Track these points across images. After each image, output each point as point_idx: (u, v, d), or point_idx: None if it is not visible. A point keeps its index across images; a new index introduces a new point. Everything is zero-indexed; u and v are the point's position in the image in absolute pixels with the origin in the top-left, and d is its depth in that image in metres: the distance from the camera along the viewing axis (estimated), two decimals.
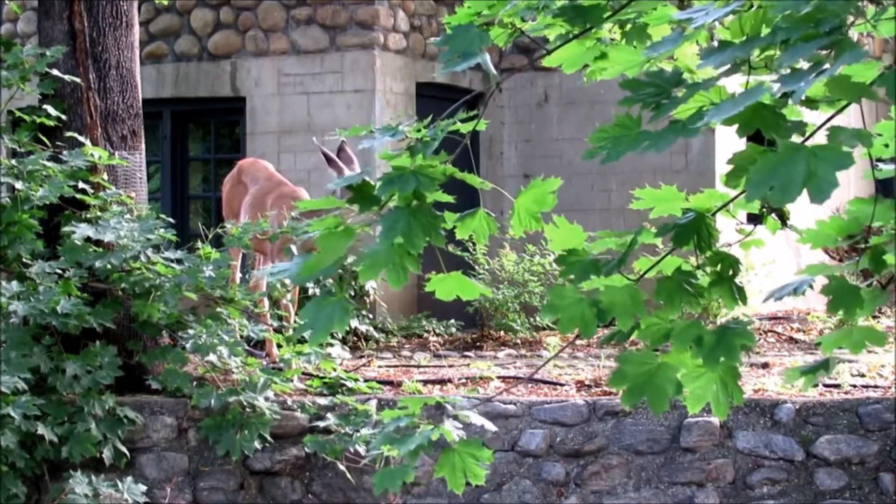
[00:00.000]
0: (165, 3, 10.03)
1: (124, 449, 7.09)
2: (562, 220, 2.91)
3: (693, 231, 2.81)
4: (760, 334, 9.82)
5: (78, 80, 7.56)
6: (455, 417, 3.07)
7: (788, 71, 2.41)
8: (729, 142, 10.69)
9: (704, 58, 2.56)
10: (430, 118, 2.83)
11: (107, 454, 6.98)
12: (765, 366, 8.12)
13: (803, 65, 2.41)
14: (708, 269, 2.89)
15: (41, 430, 6.68)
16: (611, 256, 2.87)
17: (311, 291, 8.30)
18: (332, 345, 8.01)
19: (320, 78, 10.84)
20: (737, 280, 2.91)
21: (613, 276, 2.79)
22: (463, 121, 2.76)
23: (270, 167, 8.93)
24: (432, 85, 11.21)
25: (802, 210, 2.50)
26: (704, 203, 2.89)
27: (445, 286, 2.89)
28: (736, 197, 2.85)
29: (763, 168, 2.29)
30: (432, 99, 11.17)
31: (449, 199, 2.77)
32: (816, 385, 7.33)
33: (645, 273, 2.84)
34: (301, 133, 10.88)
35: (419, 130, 2.72)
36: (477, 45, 2.79)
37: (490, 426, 3.45)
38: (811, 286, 3.00)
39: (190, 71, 11.35)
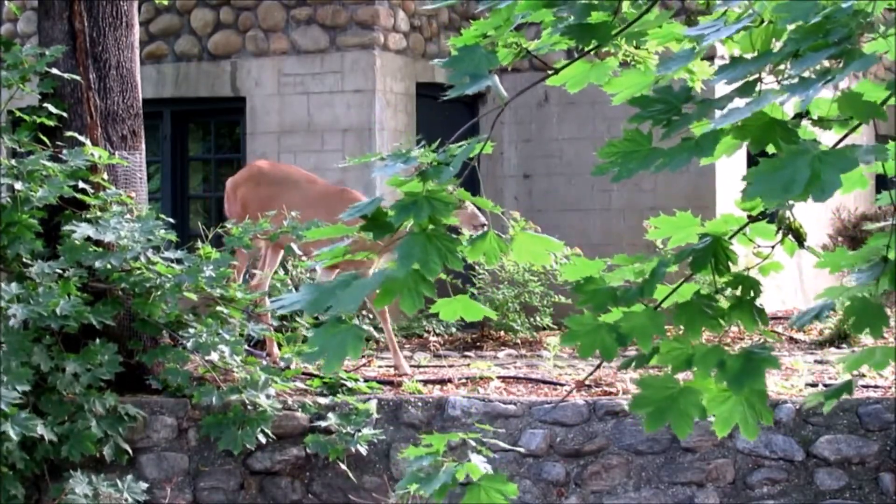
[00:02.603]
0: (165, 3, 10.03)
1: (126, 446, 7.09)
2: (580, 259, 2.90)
3: (710, 255, 2.79)
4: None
5: (78, 79, 7.56)
6: (479, 452, 3.09)
7: (796, 80, 2.40)
8: None
9: (718, 74, 2.54)
10: (438, 142, 2.82)
11: (107, 452, 6.98)
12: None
13: (812, 75, 2.41)
14: (727, 293, 2.87)
15: (41, 429, 6.68)
16: (628, 285, 2.84)
17: None
18: None
19: (320, 78, 10.84)
20: (757, 302, 2.89)
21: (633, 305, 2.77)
22: (475, 143, 2.75)
23: (296, 168, 8.89)
24: (432, 85, 11.21)
25: (799, 207, 2.49)
26: (720, 227, 2.87)
27: (450, 308, 2.89)
28: (750, 221, 2.84)
29: (766, 169, 2.29)
30: (432, 99, 11.17)
31: (454, 221, 2.76)
32: (816, 385, 7.34)
33: (662, 301, 2.81)
34: (301, 133, 10.88)
35: (428, 155, 2.72)
36: (485, 66, 2.79)
37: (519, 449, 3.46)
38: (833, 309, 2.98)
39: (190, 71, 11.35)
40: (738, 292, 2.88)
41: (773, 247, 3.05)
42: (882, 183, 12.88)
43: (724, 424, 2.80)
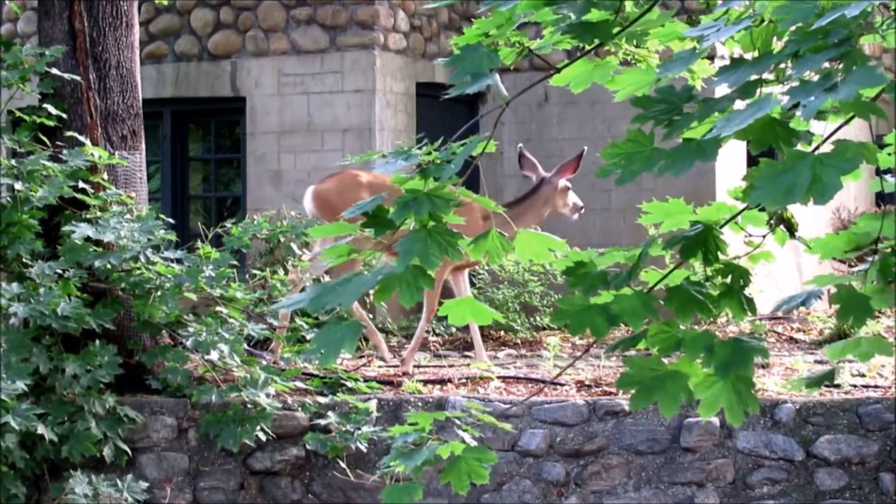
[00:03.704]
0: (165, 3, 10.02)
1: (125, 447, 7.09)
2: (573, 252, 2.91)
3: (700, 243, 2.80)
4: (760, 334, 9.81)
5: (78, 79, 7.56)
6: (465, 430, 3.09)
7: (797, 83, 2.40)
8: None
9: (719, 76, 2.54)
10: (441, 140, 2.83)
11: (107, 452, 6.98)
12: (765, 366, 8.12)
13: (813, 76, 2.42)
14: (717, 281, 2.88)
15: (41, 429, 6.68)
16: (619, 269, 2.85)
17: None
18: None
19: (320, 78, 10.84)
20: (746, 291, 2.90)
21: (622, 289, 2.78)
22: (477, 142, 2.76)
23: None
24: (432, 84, 11.21)
25: (801, 208, 2.50)
26: (712, 216, 2.88)
27: (458, 311, 2.89)
28: (743, 210, 2.85)
29: (768, 174, 2.29)
30: (432, 98, 11.17)
31: (459, 220, 2.76)
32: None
33: (654, 286, 2.83)
34: (301, 133, 10.88)
35: (430, 153, 2.73)
36: (486, 65, 2.79)
37: (507, 427, 3.48)
38: (819, 297, 2.99)
39: (190, 71, 11.35)
40: (728, 281, 2.90)
41: (763, 236, 3.07)
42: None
43: (709, 408, 2.82)
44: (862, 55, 2.37)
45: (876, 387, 7.30)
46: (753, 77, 2.50)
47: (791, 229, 2.99)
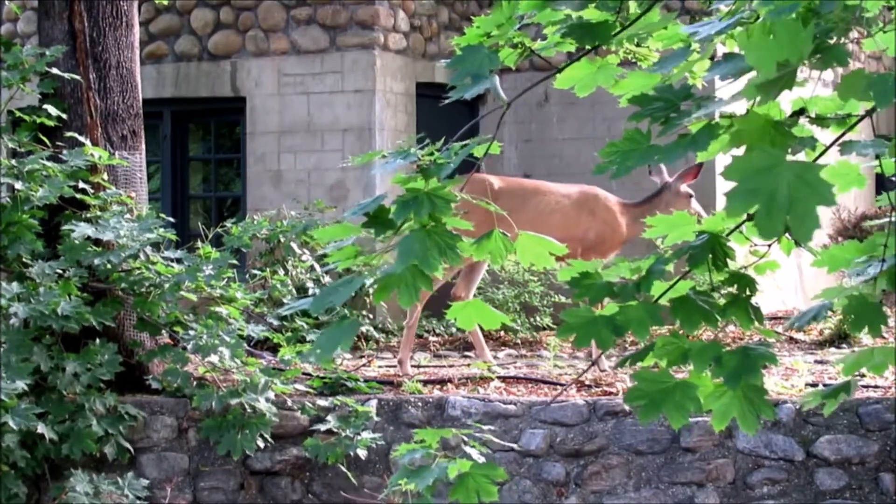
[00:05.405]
0: (165, 3, 10.03)
1: (127, 444, 7.09)
2: (577, 261, 2.90)
3: (708, 252, 2.79)
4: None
5: (78, 79, 7.56)
6: (472, 446, 3.09)
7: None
8: None
9: (711, 69, 2.56)
10: (442, 140, 2.82)
11: (109, 450, 6.99)
12: (765, 366, 8.09)
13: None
14: (723, 291, 2.87)
15: (41, 428, 6.68)
16: (625, 281, 2.84)
17: (311, 291, 8.29)
18: None
19: (320, 78, 10.84)
20: (753, 300, 2.89)
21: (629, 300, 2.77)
22: (478, 143, 2.76)
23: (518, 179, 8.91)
24: (432, 85, 11.21)
25: None
26: (717, 225, 2.88)
27: (466, 314, 2.88)
28: (746, 220, 2.84)
29: (744, 167, 2.24)
30: (432, 98, 11.17)
31: (468, 225, 2.75)
32: (816, 385, 7.33)
33: (659, 297, 2.82)
34: (301, 133, 10.88)
35: (432, 153, 2.72)
36: (487, 66, 2.79)
37: (512, 445, 3.46)
38: (831, 309, 2.98)
39: (190, 71, 11.35)
40: (735, 290, 2.88)
41: (769, 245, 3.05)
42: (881, 183, 12.87)
43: (721, 418, 2.80)
44: (839, 49, 2.37)
45: (876, 387, 7.30)
46: (746, 72, 2.51)
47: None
